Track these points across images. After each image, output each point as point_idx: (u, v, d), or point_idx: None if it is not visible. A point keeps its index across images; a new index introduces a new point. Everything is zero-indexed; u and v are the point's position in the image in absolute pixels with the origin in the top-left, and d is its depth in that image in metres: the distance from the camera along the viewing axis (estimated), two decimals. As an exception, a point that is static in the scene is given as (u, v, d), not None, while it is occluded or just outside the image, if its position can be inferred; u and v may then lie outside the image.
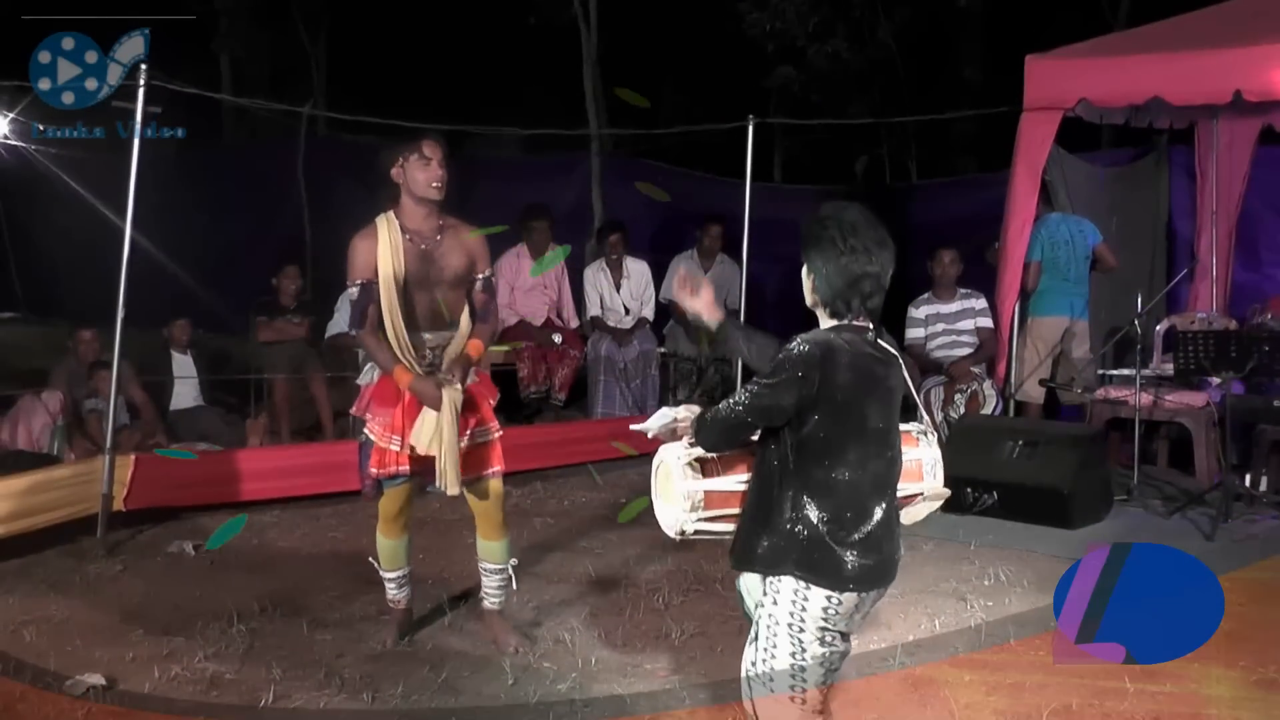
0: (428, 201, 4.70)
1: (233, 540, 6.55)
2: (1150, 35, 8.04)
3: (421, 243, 4.71)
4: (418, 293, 4.72)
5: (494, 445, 4.91)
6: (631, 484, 7.56)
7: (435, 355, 4.77)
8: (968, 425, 7.52)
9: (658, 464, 3.47)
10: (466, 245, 4.80)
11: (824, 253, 3.25)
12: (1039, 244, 8.01)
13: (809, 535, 3.17)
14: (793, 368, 3.14)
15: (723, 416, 3.22)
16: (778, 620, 3.21)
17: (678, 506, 3.33)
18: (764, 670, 3.25)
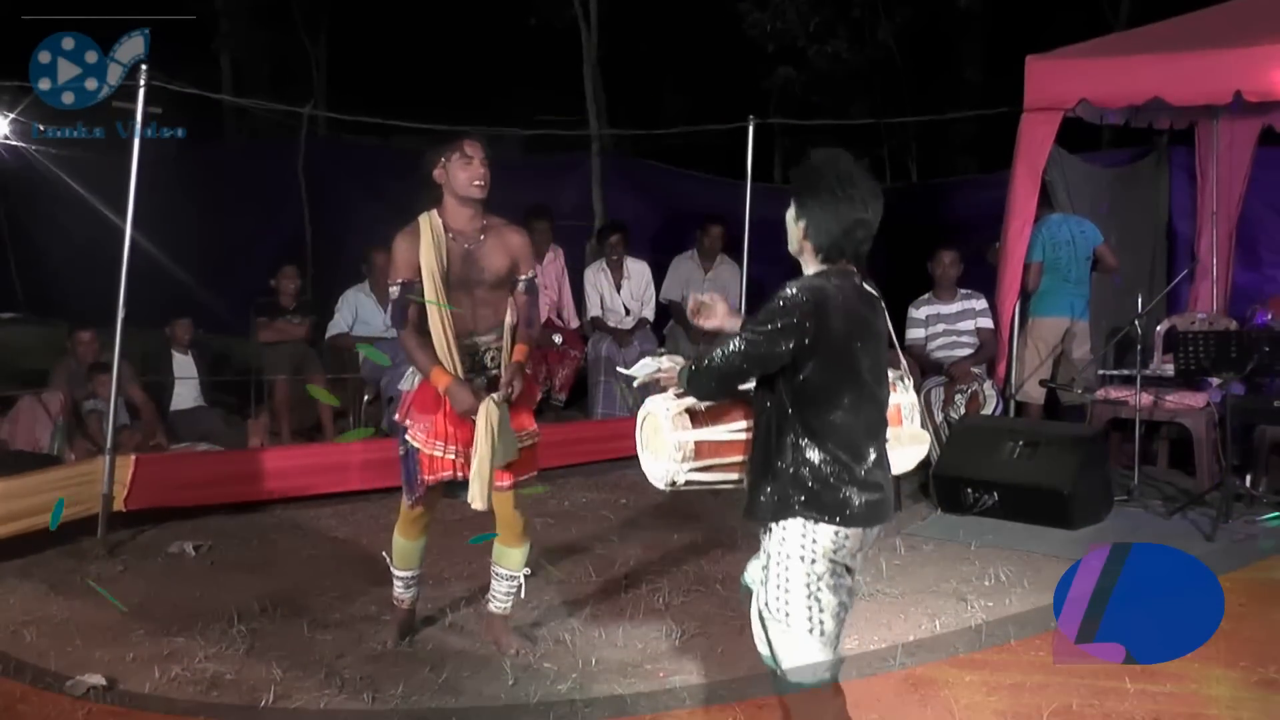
0: (471, 201, 4.66)
1: (233, 541, 6.59)
2: (1150, 35, 8.03)
3: (465, 242, 4.67)
4: (459, 293, 4.66)
5: (534, 450, 4.87)
6: (632, 484, 7.56)
7: (479, 357, 4.72)
8: (968, 426, 7.52)
9: (644, 416, 3.47)
10: (509, 245, 4.74)
11: (820, 199, 3.30)
12: (1040, 245, 8.00)
13: (812, 477, 3.25)
14: (788, 314, 3.19)
15: (718, 365, 3.24)
16: (789, 556, 3.28)
17: (667, 458, 3.35)
18: (779, 608, 3.30)
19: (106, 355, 7.16)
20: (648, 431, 3.46)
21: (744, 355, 3.22)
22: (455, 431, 4.66)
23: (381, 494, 7.38)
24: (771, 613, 3.32)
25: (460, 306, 4.66)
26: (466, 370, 4.66)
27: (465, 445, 4.66)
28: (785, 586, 3.29)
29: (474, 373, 4.69)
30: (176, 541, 6.48)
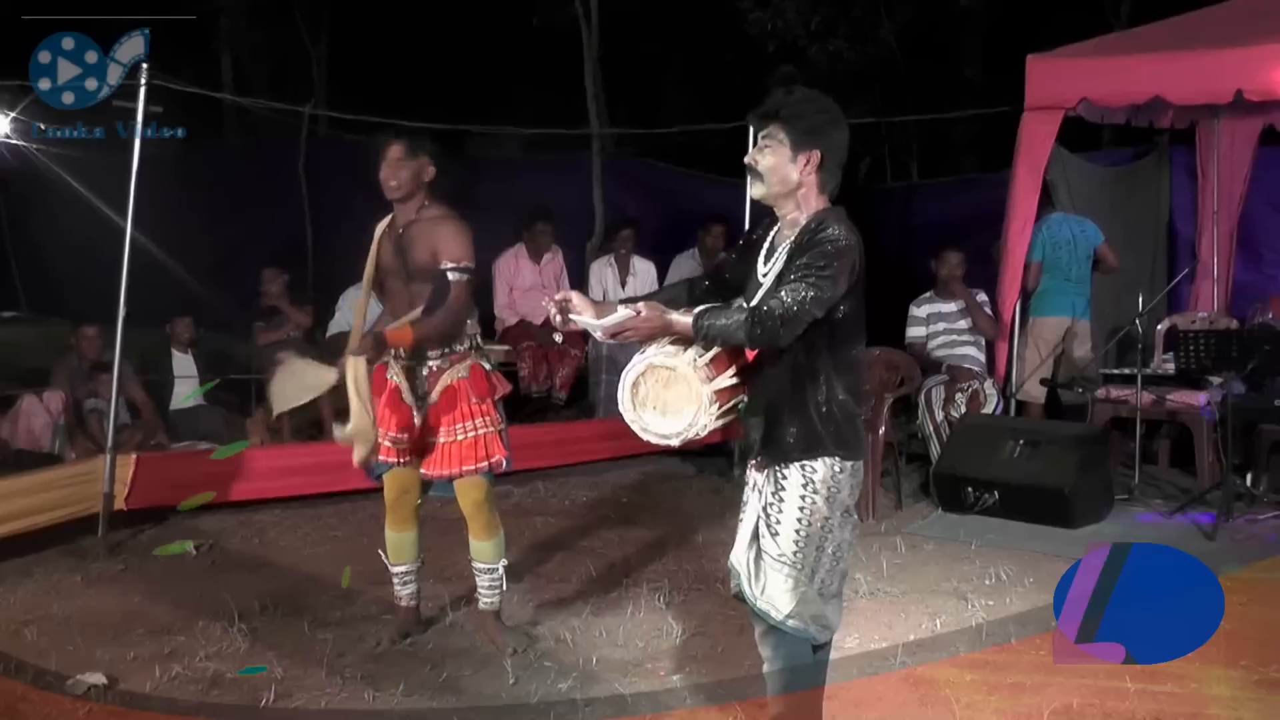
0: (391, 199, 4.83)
1: (233, 540, 6.59)
2: (1151, 35, 8.03)
3: (396, 232, 4.84)
4: (393, 283, 4.84)
5: (475, 442, 4.80)
6: (633, 483, 7.57)
7: (414, 349, 4.78)
8: (969, 425, 7.51)
9: (644, 369, 3.34)
10: (431, 235, 4.77)
11: (838, 128, 3.42)
12: (1040, 244, 8.01)
13: (843, 413, 3.34)
14: (844, 255, 3.25)
15: (789, 310, 3.19)
16: (815, 495, 3.33)
17: (692, 410, 3.28)
18: (793, 551, 3.34)
19: (108, 354, 7.16)
20: (655, 387, 3.34)
21: (815, 300, 3.21)
22: (390, 416, 4.78)
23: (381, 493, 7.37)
24: (784, 560, 3.35)
25: (397, 296, 4.85)
26: (407, 359, 4.80)
27: (398, 430, 4.79)
28: (804, 530, 3.34)
29: (413, 360, 4.80)
30: (177, 540, 6.47)
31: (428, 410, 4.81)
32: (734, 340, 3.26)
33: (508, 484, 7.82)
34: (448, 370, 4.81)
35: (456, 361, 4.82)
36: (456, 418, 4.79)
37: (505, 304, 9.51)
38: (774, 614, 3.38)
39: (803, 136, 3.36)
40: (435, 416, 4.80)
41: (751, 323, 3.20)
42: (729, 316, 3.25)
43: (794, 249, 3.33)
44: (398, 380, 4.82)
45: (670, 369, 3.29)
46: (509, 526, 6.89)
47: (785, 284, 3.25)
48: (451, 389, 4.79)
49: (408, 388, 4.81)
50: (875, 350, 7.85)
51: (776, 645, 3.43)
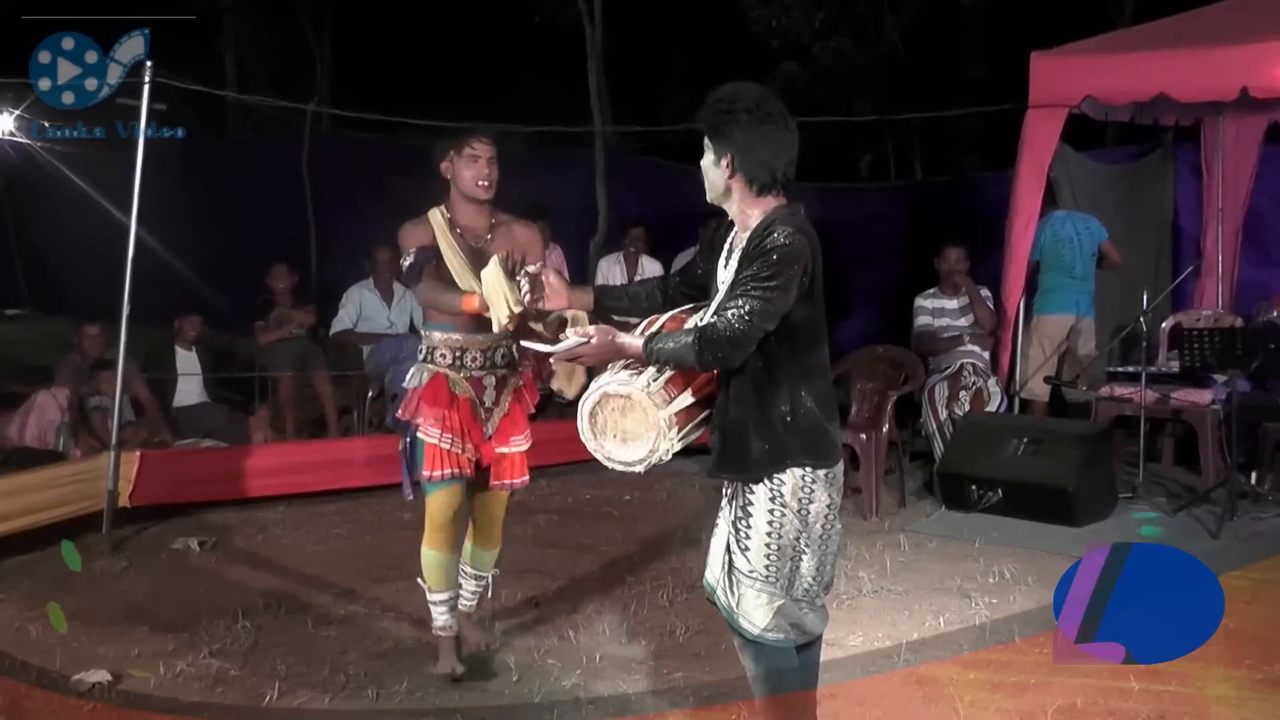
0: (475, 200, 4.57)
1: (237, 537, 6.59)
2: (1156, 32, 8.01)
3: (472, 240, 4.57)
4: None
5: (522, 457, 4.75)
6: (635, 481, 7.55)
7: (485, 357, 4.61)
8: (972, 422, 7.50)
9: (599, 399, 3.29)
10: (517, 242, 4.58)
11: (741, 126, 3.25)
12: (1040, 242, 8.00)
13: (810, 423, 3.26)
14: (791, 262, 3.15)
15: (736, 331, 3.12)
16: (784, 509, 3.27)
17: (651, 436, 3.23)
18: (763, 567, 3.29)
19: (111, 350, 7.16)
20: (613, 415, 3.28)
21: (761, 314, 3.13)
22: (466, 428, 4.59)
23: (384, 490, 7.38)
24: (755, 576, 3.29)
25: None
26: (478, 368, 4.60)
27: (476, 444, 4.60)
28: (774, 544, 3.28)
29: (484, 370, 4.62)
30: (181, 538, 6.48)
31: (501, 421, 4.68)
32: (684, 363, 3.20)
33: (511, 482, 7.82)
34: (511, 377, 4.72)
35: (516, 368, 4.75)
36: (523, 425, 4.74)
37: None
38: (751, 629, 3.33)
39: (714, 141, 3.30)
40: (507, 426, 4.69)
41: (700, 345, 3.14)
42: (677, 339, 3.20)
43: (743, 256, 3.24)
44: (462, 393, 4.60)
45: (625, 396, 3.24)
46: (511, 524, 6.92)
47: (731, 299, 3.18)
48: (518, 394, 4.74)
49: (477, 399, 4.62)
50: (879, 348, 7.86)
51: (756, 656, 3.39)
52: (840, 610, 5.32)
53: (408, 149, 12.70)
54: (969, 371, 7.91)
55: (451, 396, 4.58)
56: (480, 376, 4.62)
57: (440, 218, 4.59)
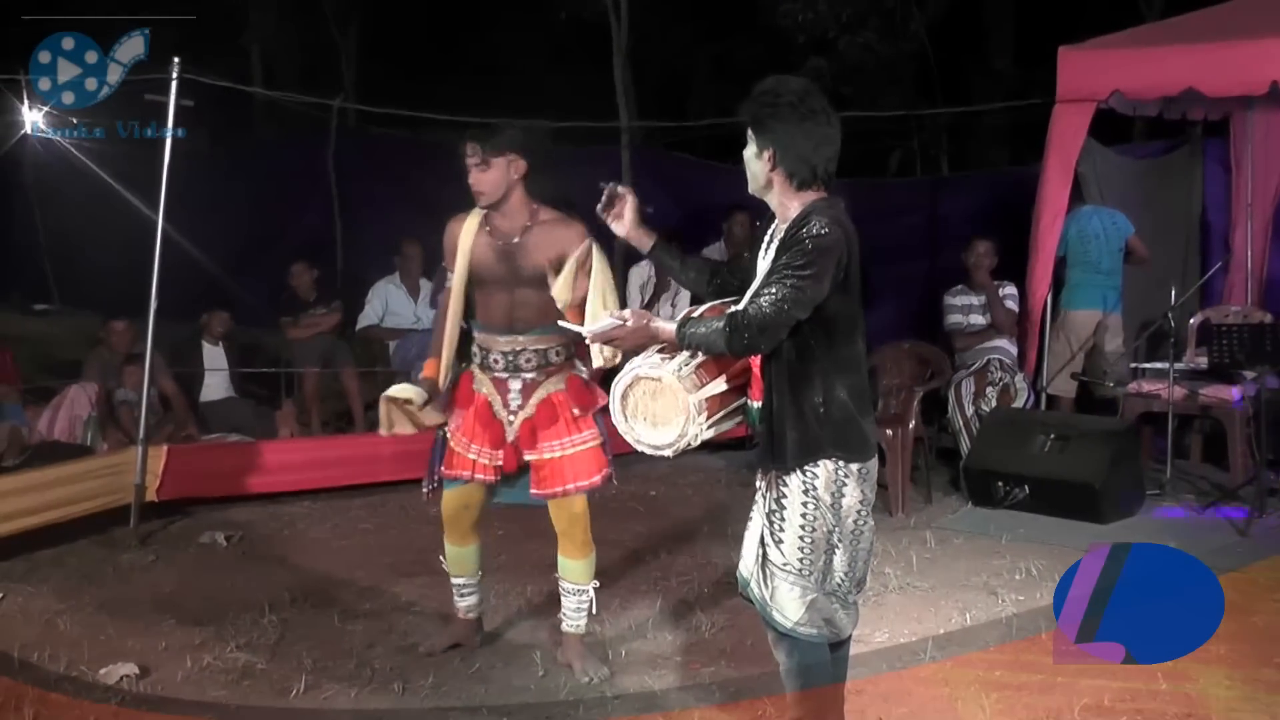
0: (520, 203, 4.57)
1: (264, 531, 6.62)
2: (1185, 26, 7.96)
3: (501, 239, 4.52)
4: (496, 291, 4.52)
5: (584, 456, 4.54)
6: (661, 476, 7.56)
7: (514, 358, 4.54)
8: (999, 418, 7.47)
9: (632, 381, 3.29)
10: (557, 242, 4.51)
11: (784, 121, 3.26)
12: (1067, 238, 7.95)
13: (842, 415, 3.27)
14: (828, 254, 3.17)
15: (767, 317, 3.13)
16: (817, 502, 3.28)
17: (680, 420, 3.22)
18: (797, 560, 3.29)
19: (139, 345, 7.20)
20: (642, 398, 3.28)
21: (794, 301, 3.14)
22: (482, 432, 4.55)
23: (411, 485, 7.37)
24: (790, 570, 3.30)
25: (499, 305, 4.53)
26: (501, 369, 4.55)
27: (493, 447, 4.56)
28: (808, 537, 3.29)
29: (508, 372, 4.55)
30: (208, 532, 6.51)
31: (521, 425, 4.55)
32: (715, 349, 3.21)
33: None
34: (544, 382, 4.56)
35: (553, 373, 4.57)
36: (560, 431, 4.52)
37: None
38: (784, 622, 3.34)
39: (756, 133, 3.30)
40: (531, 431, 4.52)
41: (730, 331, 3.16)
42: (709, 325, 3.21)
43: (779, 247, 3.26)
44: (487, 393, 4.57)
45: (655, 379, 3.24)
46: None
47: (764, 286, 3.20)
48: (549, 402, 4.53)
49: (500, 402, 4.57)
50: (905, 343, 7.83)
51: (790, 650, 3.40)
52: (866, 606, 5.28)
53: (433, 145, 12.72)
54: (996, 367, 7.88)
55: (471, 396, 4.58)
56: (505, 379, 4.56)
57: (477, 217, 4.59)
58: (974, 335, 8.02)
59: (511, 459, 4.56)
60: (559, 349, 4.58)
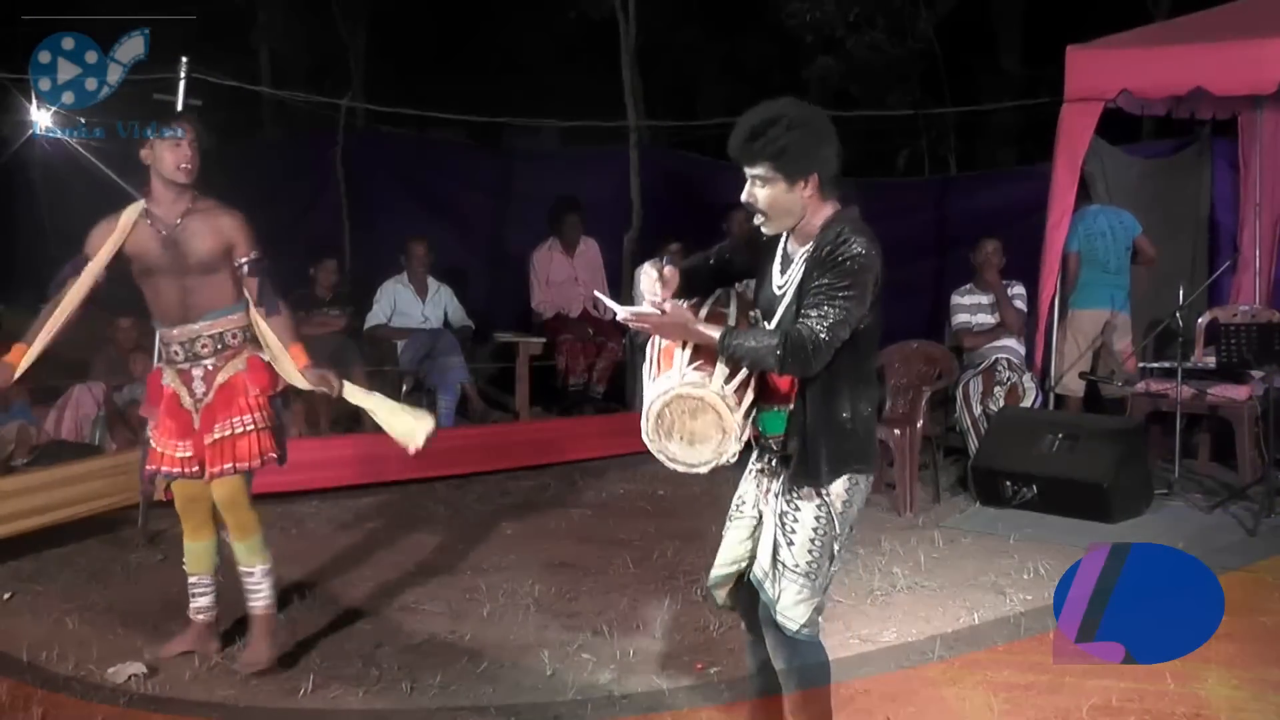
0: (175, 185, 4.49)
1: (272, 531, 6.60)
2: (1193, 25, 7.95)
3: (163, 228, 4.49)
4: (165, 281, 4.52)
5: (249, 439, 4.57)
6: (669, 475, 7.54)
7: (187, 349, 4.55)
8: (1007, 418, 7.46)
9: (670, 399, 3.19)
10: (219, 228, 4.54)
11: (830, 140, 3.24)
12: (1076, 235, 7.94)
13: (865, 430, 3.30)
14: (869, 273, 3.18)
15: (820, 339, 3.10)
16: (839, 513, 3.31)
17: (718, 438, 3.19)
18: (809, 565, 3.31)
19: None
20: (680, 416, 3.21)
21: (842, 324, 3.13)
22: (172, 424, 4.58)
23: (418, 485, 7.43)
24: (799, 571, 3.31)
25: (169, 294, 4.53)
26: (182, 360, 4.56)
27: (180, 438, 4.57)
28: (819, 540, 3.30)
29: (189, 361, 4.55)
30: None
31: (203, 412, 4.56)
32: (763, 365, 3.17)
33: (545, 478, 7.86)
34: (224, 367, 4.57)
35: (232, 356, 4.60)
36: (236, 410, 4.55)
37: (542, 298, 9.52)
38: (790, 625, 3.34)
39: (788, 166, 3.20)
40: (211, 415, 4.54)
41: (783, 351, 3.11)
42: (758, 339, 3.17)
43: (813, 262, 3.21)
44: (174, 386, 4.59)
45: (698, 398, 3.18)
46: (548, 519, 6.95)
47: (811, 306, 3.15)
48: (229, 384, 4.56)
49: (185, 392, 4.57)
50: (914, 343, 7.83)
51: (793, 653, 3.40)
52: (874, 606, 5.32)
53: (442, 144, 12.76)
54: (1003, 366, 7.87)
55: (162, 391, 4.62)
56: (187, 369, 4.58)
57: (135, 211, 4.53)
58: (982, 335, 8.02)
59: (200, 448, 4.56)
60: (235, 331, 4.61)
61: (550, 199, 10.17)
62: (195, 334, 4.56)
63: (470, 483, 7.65)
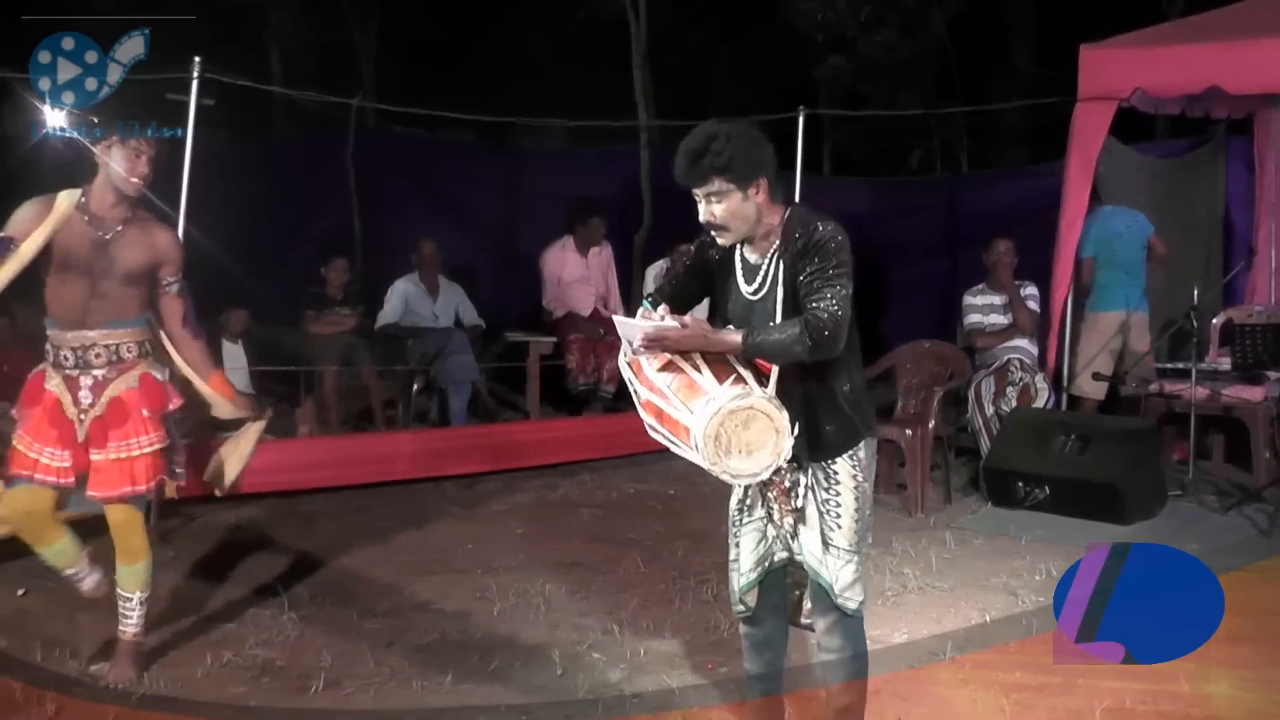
0: (120, 192, 4.39)
1: (283, 529, 6.63)
2: (1207, 23, 7.92)
3: (100, 229, 4.37)
4: (75, 282, 4.36)
5: (140, 462, 4.42)
6: (679, 475, 7.55)
7: (79, 355, 4.39)
8: (1019, 418, 7.45)
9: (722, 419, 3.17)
10: (154, 244, 4.45)
11: (757, 147, 3.35)
12: (1092, 239, 7.91)
13: (863, 396, 3.45)
14: (847, 248, 3.30)
15: (838, 319, 3.21)
16: (864, 481, 3.43)
17: (773, 440, 3.21)
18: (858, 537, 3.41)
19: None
20: (735, 431, 3.20)
21: (849, 298, 3.25)
22: (50, 431, 4.38)
23: (430, 484, 7.43)
24: (851, 549, 3.40)
25: (74, 296, 4.38)
26: (71, 365, 4.39)
27: (60, 447, 4.38)
28: (860, 515, 3.41)
29: (78, 369, 4.39)
30: (227, 529, 6.52)
31: (91, 424, 4.39)
32: (790, 355, 3.23)
33: (555, 477, 7.85)
34: (115, 380, 4.41)
35: (126, 370, 4.43)
36: (129, 432, 4.41)
37: (553, 296, 9.52)
38: (851, 604, 3.43)
39: (739, 176, 3.31)
40: (102, 430, 4.38)
41: (810, 338, 3.18)
42: (780, 332, 3.24)
43: (793, 257, 3.31)
44: (58, 391, 4.39)
45: (747, 408, 3.21)
46: (557, 518, 6.95)
47: (815, 292, 3.24)
48: (120, 400, 4.41)
49: (70, 400, 4.38)
50: (925, 343, 7.81)
51: (846, 634, 3.47)
52: (885, 606, 5.30)
53: (452, 144, 12.76)
54: (1016, 367, 7.85)
55: (44, 392, 4.42)
56: (76, 375, 4.40)
57: (70, 200, 4.38)
58: (994, 335, 7.99)
59: (82, 459, 4.41)
60: (132, 345, 4.47)
61: (560, 198, 10.17)
62: (90, 341, 4.41)
63: (480, 482, 7.64)
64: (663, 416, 3.38)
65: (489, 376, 9.48)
